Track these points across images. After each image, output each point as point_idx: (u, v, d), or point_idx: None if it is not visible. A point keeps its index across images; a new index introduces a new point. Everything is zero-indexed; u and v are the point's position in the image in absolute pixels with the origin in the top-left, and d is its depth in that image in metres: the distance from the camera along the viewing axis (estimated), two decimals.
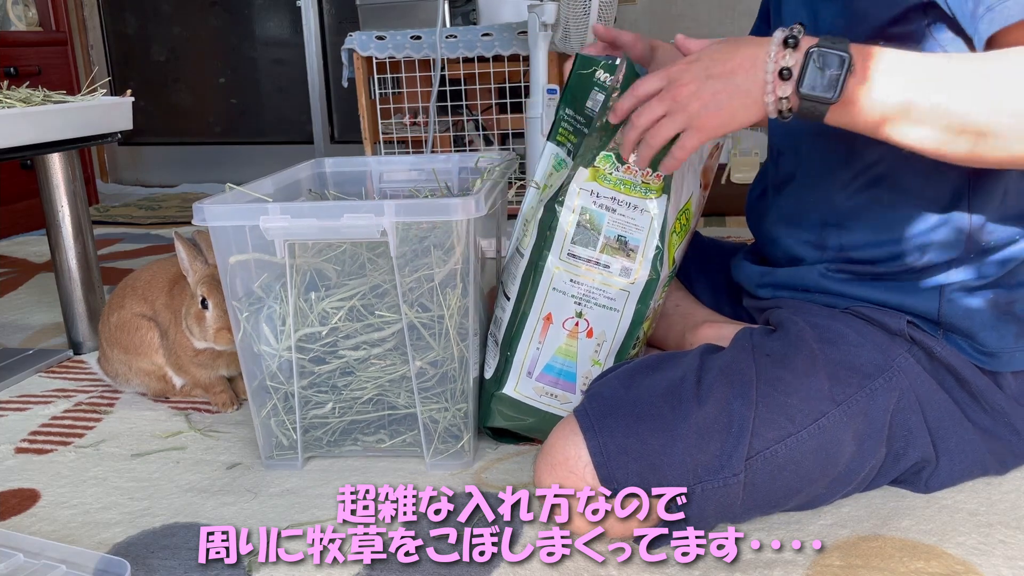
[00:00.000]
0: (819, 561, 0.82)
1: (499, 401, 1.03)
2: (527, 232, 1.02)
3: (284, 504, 0.97)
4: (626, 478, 0.79)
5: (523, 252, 1.01)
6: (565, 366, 1.00)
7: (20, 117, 1.25)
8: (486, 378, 1.06)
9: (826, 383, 0.85)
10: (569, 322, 0.99)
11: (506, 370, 1.02)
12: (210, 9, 3.47)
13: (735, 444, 0.80)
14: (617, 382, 0.86)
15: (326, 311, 1.00)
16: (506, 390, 1.02)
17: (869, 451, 0.86)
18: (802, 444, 0.82)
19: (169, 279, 1.26)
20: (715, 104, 0.80)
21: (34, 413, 1.25)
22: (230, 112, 3.56)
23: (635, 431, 0.81)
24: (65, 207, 1.45)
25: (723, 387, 0.83)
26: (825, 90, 0.76)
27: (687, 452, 0.79)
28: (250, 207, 0.95)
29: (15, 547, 0.82)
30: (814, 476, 0.84)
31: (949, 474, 0.91)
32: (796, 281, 0.98)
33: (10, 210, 2.58)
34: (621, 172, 0.96)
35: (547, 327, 0.99)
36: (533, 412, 1.03)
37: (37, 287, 1.99)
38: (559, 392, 1.01)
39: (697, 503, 0.80)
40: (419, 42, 2.17)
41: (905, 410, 0.88)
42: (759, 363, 0.85)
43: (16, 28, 2.78)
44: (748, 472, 0.81)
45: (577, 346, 0.99)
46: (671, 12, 3.01)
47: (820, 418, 0.83)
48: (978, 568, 0.80)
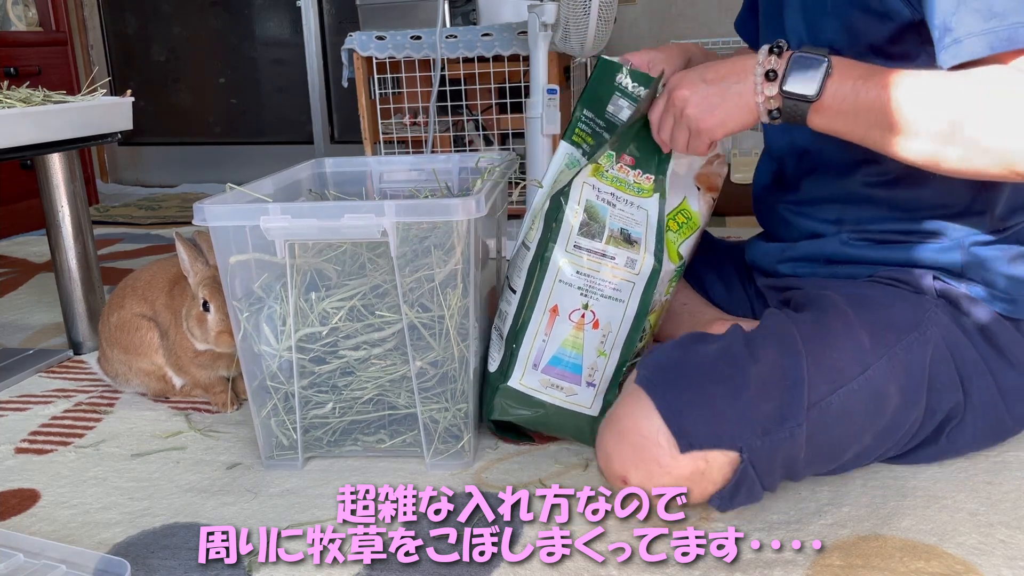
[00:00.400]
0: (819, 561, 0.82)
1: (504, 394, 1.03)
2: (534, 226, 1.03)
3: (284, 504, 0.97)
4: (696, 429, 0.81)
5: (529, 245, 1.02)
6: (571, 358, 1.01)
7: (20, 117, 1.25)
8: (490, 371, 1.06)
9: (867, 339, 0.88)
10: (575, 314, 0.99)
11: (511, 362, 1.02)
12: (210, 9, 3.47)
13: (794, 394, 0.82)
14: (670, 349, 0.88)
15: (326, 311, 1.00)
16: (511, 383, 1.02)
17: (911, 402, 0.89)
18: (852, 395, 0.85)
19: (169, 279, 1.26)
20: (708, 107, 0.88)
21: (34, 413, 1.25)
22: (230, 112, 3.56)
23: (699, 385, 0.83)
24: (65, 207, 1.45)
25: (772, 348, 0.86)
26: (806, 88, 0.83)
27: (750, 404, 0.81)
28: (250, 207, 0.95)
29: (15, 547, 0.82)
30: (865, 427, 0.87)
31: (973, 430, 0.94)
32: (817, 252, 1.02)
33: (10, 210, 2.58)
34: (616, 171, 0.98)
35: (553, 319, 1.00)
36: (538, 404, 1.03)
37: (37, 287, 1.99)
38: (565, 384, 1.02)
39: (766, 455, 0.82)
40: (419, 42, 2.17)
41: (939, 362, 0.91)
42: (800, 330, 0.88)
43: (16, 28, 2.78)
44: (808, 423, 0.82)
45: (583, 338, 1.00)
46: (671, 12, 3.00)
47: (866, 369, 0.86)
48: (978, 568, 0.80)
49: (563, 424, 1.04)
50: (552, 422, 1.04)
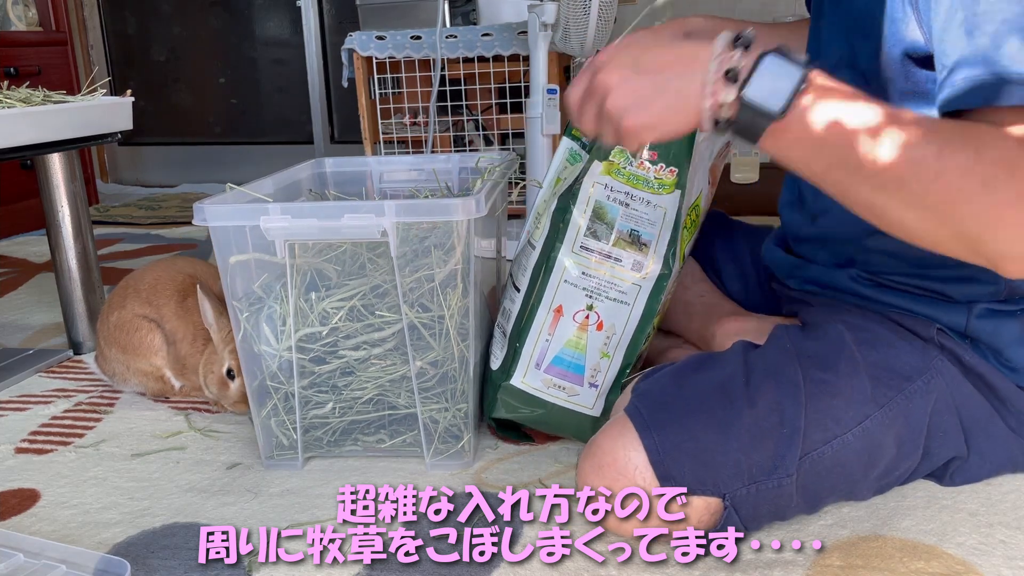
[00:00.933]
0: (819, 561, 0.82)
1: (506, 392, 1.03)
2: (539, 225, 1.02)
3: (284, 504, 0.97)
4: (682, 475, 0.79)
5: (535, 244, 1.02)
6: (574, 359, 1.01)
7: (20, 117, 1.25)
8: (492, 369, 1.06)
9: (868, 385, 0.84)
10: (579, 315, 0.99)
11: (514, 361, 1.02)
12: (210, 9, 3.47)
13: (788, 445, 0.80)
14: (666, 380, 0.85)
15: (326, 311, 1.00)
16: (513, 381, 1.03)
17: (908, 453, 0.87)
18: (847, 446, 0.82)
19: (177, 287, 1.25)
20: (636, 101, 0.71)
21: (34, 413, 1.25)
22: (230, 112, 3.56)
23: (689, 429, 0.80)
24: (65, 207, 1.45)
25: (772, 388, 0.82)
26: (770, 100, 0.66)
27: (741, 451, 0.79)
28: (250, 207, 0.95)
29: (15, 547, 0.82)
30: (856, 477, 0.85)
31: (977, 471, 0.92)
32: (827, 280, 0.98)
33: (10, 210, 2.58)
34: (634, 167, 0.97)
35: (557, 319, 1.00)
36: (540, 404, 1.03)
37: (37, 287, 1.99)
38: (567, 384, 1.02)
39: (751, 503, 0.80)
40: (419, 42, 2.17)
41: (941, 411, 0.87)
42: (803, 365, 0.84)
43: (16, 28, 2.78)
44: (799, 473, 0.80)
45: (587, 339, 1.00)
46: (670, 13, 3.00)
47: (864, 420, 0.83)
48: (978, 568, 0.80)
49: (564, 424, 1.04)
50: (553, 421, 1.04)
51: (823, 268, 0.99)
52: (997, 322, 0.88)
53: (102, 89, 1.48)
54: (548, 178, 1.07)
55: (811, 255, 1.01)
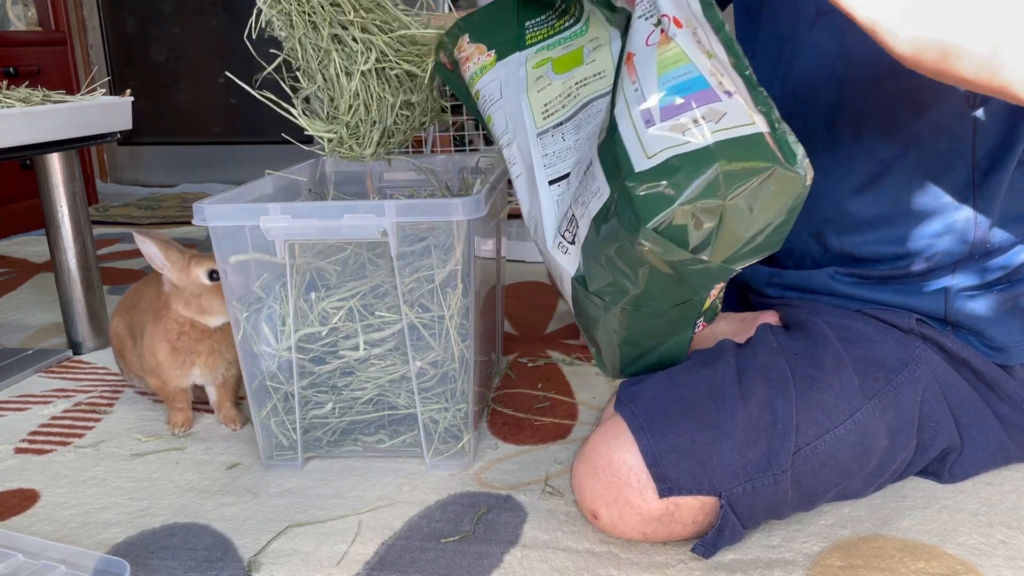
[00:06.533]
0: (819, 561, 0.82)
1: (638, 182, 0.70)
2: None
3: (284, 504, 0.97)
4: (678, 477, 0.79)
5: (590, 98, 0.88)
6: (684, 73, 0.71)
7: (20, 117, 1.25)
8: (594, 217, 0.77)
9: (856, 379, 0.85)
10: (652, 36, 0.74)
11: (622, 159, 0.72)
12: (210, 9, 3.47)
13: (781, 441, 0.80)
14: (657, 383, 0.85)
15: (326, 311, 1.00)
16: (637, 170, 0.70)
17: (901, 445, 0.88)
18: (840, 440, 0.83)
19: (135, 294, 1.23)
20: None
21: (34, 413, 1.25)
22: (230, 112, 3.56)
23: (684, 430, 0.80)
24: (65, 207, 1.45)
25: (763, 386, 0.83)
26: None
27: (735, 450, 0.79)
28: (250, 207, 0.95)
29: (15, 547, 0.82)
30: (851, 470, 0.85)
31: (973, 462, 0.93)
32: (804, 283, 0.99)
33: (10, 210, 2.58)
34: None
35: (632, 62, 0.75)
36: (691, 164, 0.69)
37: (37, 287, 1.99)
38: (703, 108, 0.70)
39: (748, 501, 0.80)
40: None
41: (931, 400, 0.89)
42: (791, 362, 0.86)
43: (16, 28, 2.78)
44: (793, 469, 0.81)
45: (676, 44, 0.72)
46: None
47: (855, 413, 0.84)
48: (979, 568, 0.80)
49: (753, 164, 0.68)
50: (729, 183, 0.68)
51: (799, 272, 1.00)
52: (975, 303, 0.90)
53: (101, 89, 1.48)
54: None
55: (783, 253, 1.00)
